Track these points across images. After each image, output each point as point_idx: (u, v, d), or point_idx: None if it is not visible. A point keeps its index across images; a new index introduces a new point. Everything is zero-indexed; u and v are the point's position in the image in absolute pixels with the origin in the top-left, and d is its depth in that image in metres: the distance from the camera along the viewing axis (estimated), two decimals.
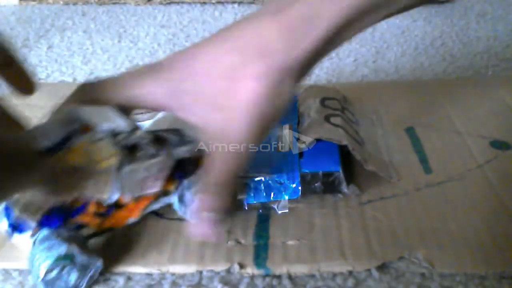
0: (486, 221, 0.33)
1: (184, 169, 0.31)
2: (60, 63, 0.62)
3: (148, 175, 0.29)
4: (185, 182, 0.31)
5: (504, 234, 0.32)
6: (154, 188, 0.30)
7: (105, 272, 0.31)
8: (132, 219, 0.31)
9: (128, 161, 0.29)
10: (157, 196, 0.31)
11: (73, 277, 0.28)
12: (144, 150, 0.29)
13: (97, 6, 0.81)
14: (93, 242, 0.32)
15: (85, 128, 0.28)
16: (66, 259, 0.28)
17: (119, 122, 0.28)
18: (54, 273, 0.27)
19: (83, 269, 0.29)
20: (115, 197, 0.29)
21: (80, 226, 0.30)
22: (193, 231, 0.28)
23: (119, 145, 0.28)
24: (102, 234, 0.31)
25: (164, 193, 0.31)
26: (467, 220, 0.33)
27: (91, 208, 0.29)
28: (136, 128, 0.29)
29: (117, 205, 0.30)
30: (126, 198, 0.29)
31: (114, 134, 0.28)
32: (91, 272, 0.29)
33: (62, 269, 0.28)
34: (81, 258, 0.28)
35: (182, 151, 0.30)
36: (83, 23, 0.75)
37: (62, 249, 0.28)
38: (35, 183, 0.22)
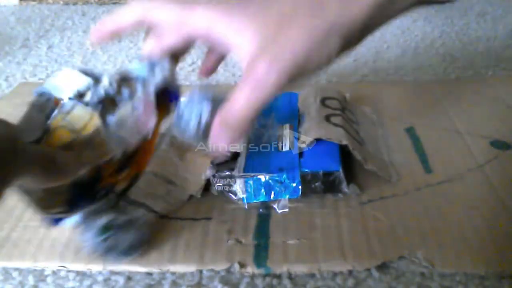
0: (486, 221, 0.33)
1: (173, 93, 0.31)
2: (60, 63, 0.62)
3: (137, 114, 0.29)
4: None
5: (504, 234, 0.32)
6: (150, 122, 0.29)
7: (105, 272, 0.31)
8: (151, 156, 0.31)
9: (110, 113, 0.28)
10: (160, 124, 0.31)
11: (123, 240, 0.30)
12: (119, 96, 0.29)
13: (97, 6, 0.81)
14: None
15: (57, 102, 0.28)
16: (106, 230, 0.29)
17: (80, 80, 0.28)
18: (101, 246, 0.29)
19: (128, 226, 0.29)
20: (119, 151, 0.28)
21: (110, 188, 0.30)
22: (212, 141, 0.29)
23: (93, 104, 0.28)
24: (134, 182, 0.32)
25: (166, 116, 0.31)
26: (467, 220, 0.33)
27: (107, 171, 0.29)
28: (98, 79, 0.29)
29: (129, 155, 0.30)
30: (132, 144, 0.29)
31: (81, 95, 0.28)
32: (140, 222, 0.30)
33: (108, 239, 0.29)
34: (120, 219, 0.29)
35: (158, 79, 0.30)
36: (83, 23, 0.75)
37: (99, 223, 0.29)
38: (33, 174, 0.23)
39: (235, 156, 0.37)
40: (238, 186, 0.35)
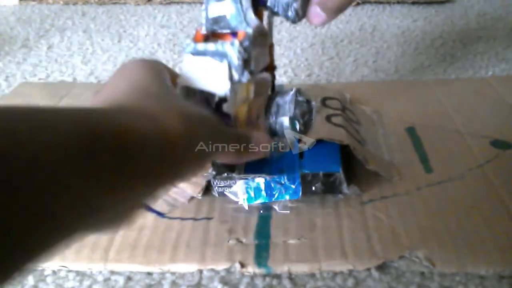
0: (487, 221, 0.33)
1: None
2: (60, 63, 0.62)
3: (255, 44, 0.32)
4: None
5: (504, 233, 0.32)
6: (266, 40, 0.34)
7: (105, 272, 0.31)
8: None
9: (248, 64, 0.31)
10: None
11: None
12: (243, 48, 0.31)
13: (97, 6, 0.81)
14: (94, 237, 0.32)
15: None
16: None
17: (214, 68, 0.31)
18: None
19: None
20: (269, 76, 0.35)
21: None
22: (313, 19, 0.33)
23: (240, 74, 0.31)
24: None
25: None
26: (468, 220, 0.33)
27: None
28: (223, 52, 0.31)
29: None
30: (268, 61, 0.35)
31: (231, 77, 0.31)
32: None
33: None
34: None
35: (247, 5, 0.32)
36: (83, 23, 0.75)
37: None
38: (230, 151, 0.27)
39: None
40: (238, 188, 0.35)
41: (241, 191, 0.35)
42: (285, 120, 0.36)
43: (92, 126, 0.16)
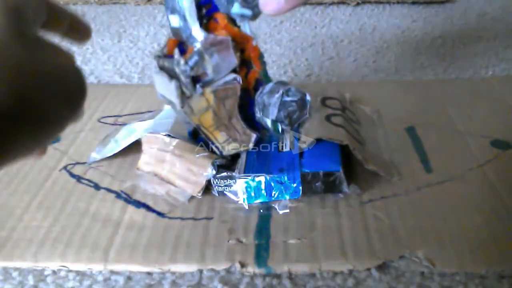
0: (487, 220, 0.33)
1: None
2: None
3: (213, 49, 0.32)
4: None
5: (504, 233, 0.32)
6: (225, 39, 0.33)
7: (105, 272, 0.31)
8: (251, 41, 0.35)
9: (203, 76, 0.32)
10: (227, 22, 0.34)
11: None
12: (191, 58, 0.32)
13: (97, 6, 0.81)
14: (94, 237, 0.32)
15: None
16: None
17: (167, 84, 0.32)
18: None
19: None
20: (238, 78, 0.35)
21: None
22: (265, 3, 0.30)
23: (190, 87, 0.32)
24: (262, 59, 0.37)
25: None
26: (468, 219, 0.33)
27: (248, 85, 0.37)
28: (173, 71, 0.32)
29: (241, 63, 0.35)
30: (236, 62, 0.34)
31: (183, 92, 0.32)
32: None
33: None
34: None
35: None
36: None
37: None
38: None
39: (235, 157, 0.37)
40: (238, 187, 0.35)
41: (241, 190, 0.35)
42: (268, 122, 0.36)
43: None
